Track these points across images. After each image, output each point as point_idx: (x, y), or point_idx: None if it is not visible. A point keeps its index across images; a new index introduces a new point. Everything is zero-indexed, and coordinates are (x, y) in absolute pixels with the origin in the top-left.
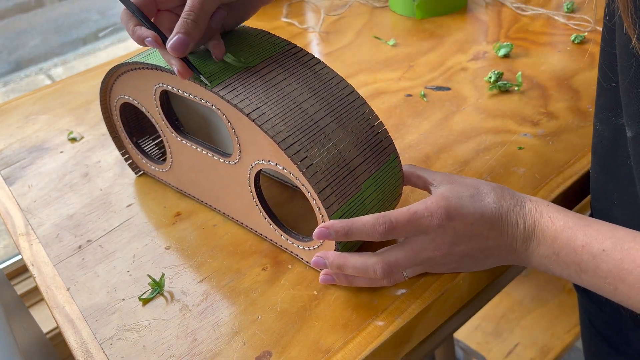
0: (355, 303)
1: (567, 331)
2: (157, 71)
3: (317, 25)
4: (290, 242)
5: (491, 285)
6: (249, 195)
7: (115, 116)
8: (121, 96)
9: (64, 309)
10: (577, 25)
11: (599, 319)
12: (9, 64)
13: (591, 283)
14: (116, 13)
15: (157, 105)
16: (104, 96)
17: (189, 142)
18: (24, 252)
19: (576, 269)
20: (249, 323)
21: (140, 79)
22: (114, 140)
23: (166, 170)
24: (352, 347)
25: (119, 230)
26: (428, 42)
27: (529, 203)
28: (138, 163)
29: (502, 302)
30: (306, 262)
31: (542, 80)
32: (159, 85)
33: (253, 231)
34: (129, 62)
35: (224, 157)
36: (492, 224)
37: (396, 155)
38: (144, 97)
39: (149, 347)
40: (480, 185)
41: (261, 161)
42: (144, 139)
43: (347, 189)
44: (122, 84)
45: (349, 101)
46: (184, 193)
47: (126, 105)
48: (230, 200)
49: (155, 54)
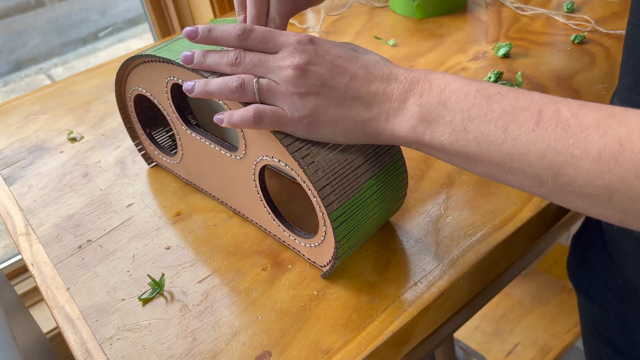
0: (355, 303)
1: (567, 331)
2: (168, 64)
3: (317, 25)
4: (292, 239)
5: (491, 285)
6: (253, 190)
7: (129, 107)
8: (135, 88)
9: (64, 309)
10: (577, 25)
11: (602, 321)
12: (9, 64)
13: (476, 134)
14: (116, 13)
15: (168, 97)
16: (119, 87)
17: (198, 135)
18: (24, 252)
19: (463, 118)
20: (249, 323)
21: (153, 72)
22: (128, 131)
23: (177, 162)
24: (352, 347)
25: (119, 230)
26: (428, 42)
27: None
28: (151, 154)
29: (502, 302)
30: (307, 258)
31: (542, 80)
32: (170, 78)
33: (258, 225)
34: (142, 54)
35: (231, 152)
36: (365, 66)
37: (400, 156)
38: (156, 89)
39: (149, 347)
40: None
41: (265, 157)
42: (157, 130)
43: (348, 188)
44: (136, 76)
45: None
46: (193, 185)
47: (140, 97)
48: (236, 194)
49: (168, 47)
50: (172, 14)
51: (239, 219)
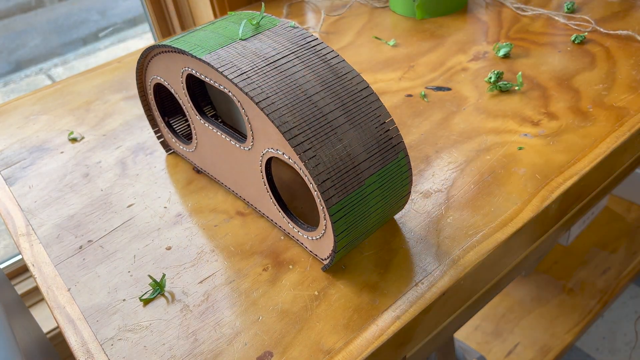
0: (357, 303)
1: (567, 331)
2: (183, 55)
3: (318, 26)
4: (296, 231)
5: (491, 285)
6: (261, 181)
7: (149, 95)
8: (154, 77)
9: (65, 309)
10: (578, 26)
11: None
12: (9, 64)
13: None
14: (116, 13)
15: (183, 87)
16: (140, 75)
17: (211, 125)
18: (24, 252)
19: None
20: (250, 323)
21: (170, 62)
22: (148, 119)
23: (192, 151)
24: (353, 347)
25: (119, 230)
26: (428, 42)
27: None
28: (169, 142)
29: (502, 302)
30: (310, 250)
31: (542, 80)
32: (186, 69)
33: (265, 216)
34: (160, 44)
35: (240, 143)
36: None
37: (405, 154)
38: (173, 79)
39: (150, 348)
40: None
41: (270, 149)
42: (175, 118)
43: (349, 184)
44: (155, 65)
45: (362, 96)
46: (207, 174)
47: (159, 86)
48: (245, 185)
49: (184, 38)
50: (172, 14)
51: (239, 220)
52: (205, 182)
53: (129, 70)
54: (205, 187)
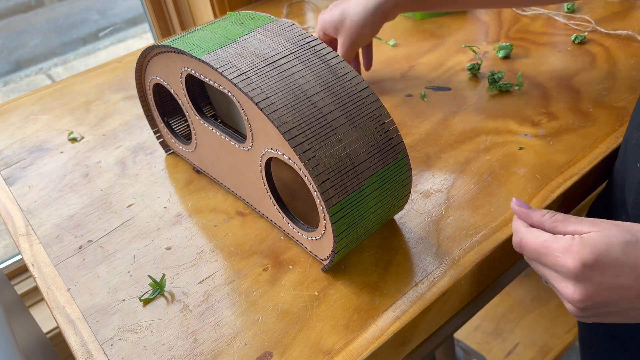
0: (357, 304)
1: (567, 331)
2: (182, 55)
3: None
4: (296, 231)
5: (491, 285)
6: (260, 181)
7: (149, 96)
8: (154, 77)
9: (65, 309)
10: (578, 25)
11: None
12: (9, 64)
13: None
14: (116, 13)
15: (183, 88)
16: (139, 75)
17: (210, 125)
18: (24, 252)
19: None
20: (250, 324)
21: (169, 62)
22: (147, 119)
23: (192, 151)
24: (353, 347)
25: (119, 230)
26: (428, 42)
27: None
28: (168, 142)
29: (502, 302)
30: (309, 251)
31: (542, 80)
32: (185, 69)
33: (265, 217)
34: (159, 44)
35: (239, 143)
36: None
37: (405, 154)
38: (172, 79)
39: (150, 348)
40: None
41: (270, 150)
42: (175, 118)
43: (349, 184)
44: (154, 65)
45: (361, 97)
46: (206, 174)
47: (159, 86)
48: (245, 185)
49: (184, 38)
50: (172, 14)
51: (239, 220)
52: (205, 182)
53: (128, 70)
54: (205, 188)
